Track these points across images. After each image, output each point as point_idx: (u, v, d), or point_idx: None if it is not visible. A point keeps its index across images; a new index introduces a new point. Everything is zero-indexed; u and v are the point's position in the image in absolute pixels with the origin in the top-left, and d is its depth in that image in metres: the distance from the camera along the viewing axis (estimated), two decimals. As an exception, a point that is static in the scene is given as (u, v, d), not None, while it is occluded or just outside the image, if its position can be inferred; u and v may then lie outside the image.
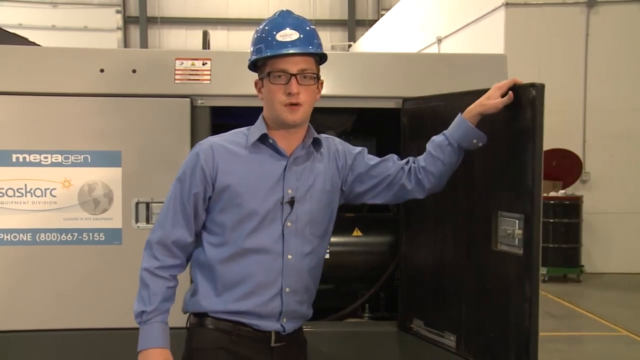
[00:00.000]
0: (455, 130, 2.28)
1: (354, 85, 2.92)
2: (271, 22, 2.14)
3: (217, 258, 2.08)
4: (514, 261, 2.27)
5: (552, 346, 6.25)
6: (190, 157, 2.12)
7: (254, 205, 2.07)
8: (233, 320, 2.08)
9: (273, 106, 2.09)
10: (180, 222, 2.08)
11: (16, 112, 2.80)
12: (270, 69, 2.08)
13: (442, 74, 2.94)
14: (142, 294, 2.07)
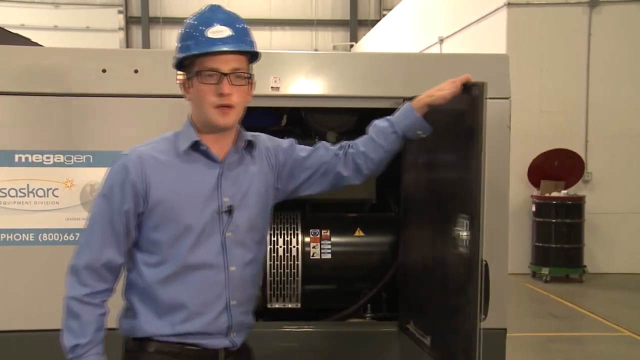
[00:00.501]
0: (402, 120, 2.21)
1: (356, 86, 2.92)
2: (200, 17, 1.98)
3: (155, 279, 1.93)
4: (463, 263, 2.26)
5: (554, 346, 6.24)
6: (117, 170, 1.94)
7: (190, 218, 1.92)
8: (180, 342, 1.95)
9: (203, 108, 1.94)
10: (109, 242, 1.91)
11: (18, 112, 2.80)
12: (199, 68, 1.92)
13: (444, 74, 2.92)
14: (71, 326, 1.89)
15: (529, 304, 8.00)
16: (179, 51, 1.98)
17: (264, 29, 21.01)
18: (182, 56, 1.96)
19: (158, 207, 1.92)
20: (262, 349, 2.84)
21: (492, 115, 2.88)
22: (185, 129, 2.01)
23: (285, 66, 2.89)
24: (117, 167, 1.95)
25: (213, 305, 1.97)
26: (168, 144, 1.99)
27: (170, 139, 2.01)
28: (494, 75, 2.91)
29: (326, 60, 2.95)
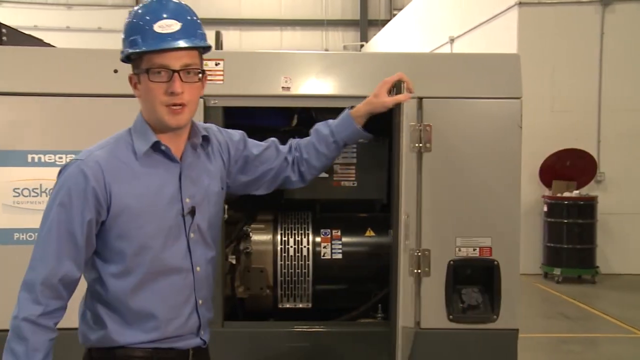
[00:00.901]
0: (342, 130, 2.20)
1: (367, 86, 2.90)
2: (147, 9, 1.83)
3: (122, 289, 1.83)
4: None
5: (566, 347, 6.21)
6: (72, 176, 1.79)
7: (156, 224, 1.84)
8: (151, 347, 1.87)
9: (153, 107, 1.82)
10: (67, 254, 1.77)
11: (31, 113, 2.81)
12: (148, 65, 1.80)
13: (456, 73, 2.92)
14: (16, 350, 1.72)
15: (540, 305, 7.96)
16: (125, 45, 1.85)
17: (275, 29, 21.05)
18: (128, 52, 1.84)
19: (121, 216, 1.81)
20: (273, 348, 2.85)
21: (503, 115, 2.89)
22: (140, 128, 1.89)
23: (296, 66, 2.89)
24: (72, 172, 1.80)
25: (183, 308, 1.92)
26: (124, 146, 1.87)
27: (125, 140, 1.89)
28: (505, 75, 2.90)
29: (337, 60, 2.94)
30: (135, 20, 1.83)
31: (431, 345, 2.88)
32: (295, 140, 2.25)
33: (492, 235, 2.89)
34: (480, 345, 2.89)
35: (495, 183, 2.89)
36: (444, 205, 2.89)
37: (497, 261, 2.90)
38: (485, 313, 2.90)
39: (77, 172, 1.79)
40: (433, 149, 2.87)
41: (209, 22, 20.38)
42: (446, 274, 2.89)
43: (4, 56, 2.86)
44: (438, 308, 2.89)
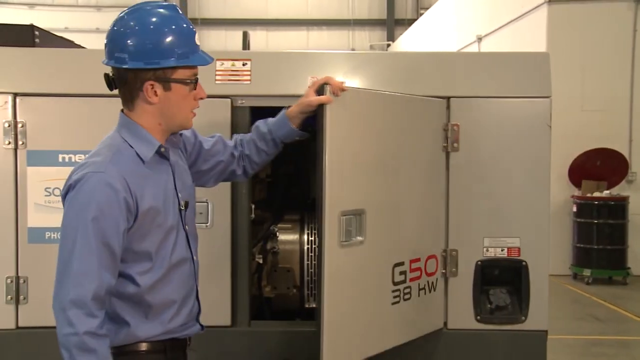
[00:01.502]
0: (278, 129, 2.31)
1: (394, 85, 2.90)
2: (179, 24, 1.95)
3: (144, 286, 1.93)
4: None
5: (597, 350, 6.12)
6: (99, 189, 1.82)
7: (169, 220, 1.98)
8: (166, 338, 2.01)
9: (180, 112, 1.98)
10: (108, 266, 1.84)
11: (62, 113, 2.86)
12: (183, 76, 1.94)
13: (484, 72, 2.90)
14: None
15: (570, 306, 7.86)
16: (170, 56, 1.91)
17: (301, 29, 21.09)
18: (183, 64, 1.94)
19: (145, 217, 1.90)
20: (300, 348, 2.86)
21: (532, 115, 2.86)
22: (139, 134, 1.96)
23: (323, 66, 2.90)
24: (97, 185, 1.83)
25: (190, 296, 2.09)
26: (128, 153, 1.94)
27: (124, 147, 1.95)
28: (534, 73, 2.88)
29: (364, 59, 2.94)
30: (176, 36, 1.93)
31: (458, 346, 2.87)
32: (238, 136, 2.38)
33: (520, 235, 2.87)
34: (508, 347, 2.87)
35: (523, 183, 2.87)
36: (472, 205, 2.87)
37: (525, 262, 2.88)
38: (513, 314, 2.87)
39: (103, 185, 1.83)
40: (460, 149, 2.85)
41: (236, 23, 20.52)
42: (474, 274, 2.87)
43: (37, 58, 2.91)
44: (465, 309, 2.88)
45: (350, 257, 2.38)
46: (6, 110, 2.84)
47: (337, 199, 2.31)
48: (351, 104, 2.37)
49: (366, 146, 2.48)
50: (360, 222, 2.41)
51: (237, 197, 2.87)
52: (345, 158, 2.36)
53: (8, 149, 2.83)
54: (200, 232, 2.75)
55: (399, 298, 2.64)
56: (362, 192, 2.45)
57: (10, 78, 2.85)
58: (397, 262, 2.62)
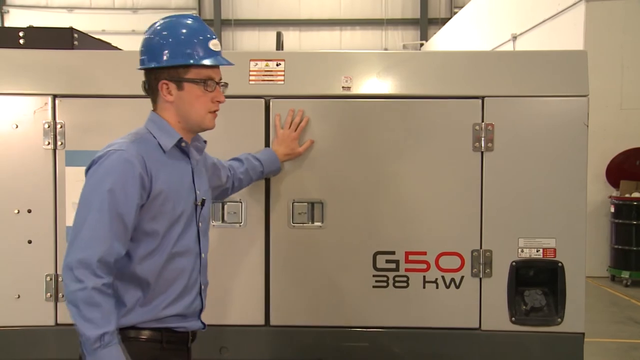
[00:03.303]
0: (270, 165, 2.75)
1: (429, 85, 2.88)
2: (192, 27, 2.13)
3: (147, 268, 2.03)
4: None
5: (637, 354, 5.99)
6: (118, 165, 1.96)
7: (180, 208, 2.10)
8: (160, 327, 2.07)
9: (197, 112, 2.13)
10: (119, 236, 1.94)
11: (100, 114, 2.91)
12: (197, 76, 2.10)
13: (519, 71, 2.87)
14: (91, 316, 1.86)
15: (608, 309, 7.70)
16: (175, 55, 2.08)
17: (334, 29, 21.09)
18: (191, 63, 2.09)
19: (157, 199, 2.03)
20: (333, 347, 2.87)
21: (568, 114, 2.82)
22: (161, 127, 2.13)
23: (356, 66, 2.90)
24: (116, 161, 1.97)
25: (191, 289, 2.14)
26: (150, 141, 2.10)
27: (147, 137, 2.11)
28: (571, 72, 2.83)
29: (398, 59, 2.93)
30: (191, 37, 2.11)
31: (493, 348, 2.85)
32: (229, 163, 2.65)
33: (556, 236, 2.83)
34: (543, 349, 2.83)
35: (559, 183, 2.83)
36: (507, 205, 2.84)
37: (561, 263, 2.83)
38: (549, 316, 2.84)
39: (122, 160, 1.97)
40: (495, 148, 2.82)
41: (269, 23, 20.64)
42: (508, 275, 2.84)
43: (76, 60, 2.97)
44: (500, 310, 2.85)
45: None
46: (46, 112, 2.91)
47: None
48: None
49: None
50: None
51: (271, 197, 2.89)
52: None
53: (47, 150, 2.90)
54: (234, 231, 2.79)
55: (385, 284, 2.85)
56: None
57: (50, 80, 2.92)
58: (381, 251, 2.85)
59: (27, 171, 2.90)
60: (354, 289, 2.90)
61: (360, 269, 2.88)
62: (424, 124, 2.88)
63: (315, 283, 2.89)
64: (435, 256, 2.87)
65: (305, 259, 2.90)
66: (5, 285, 2.91)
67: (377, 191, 2.88)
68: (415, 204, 2.87)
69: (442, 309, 2.87)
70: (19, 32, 3.13)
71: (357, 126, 2.89)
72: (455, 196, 2.86)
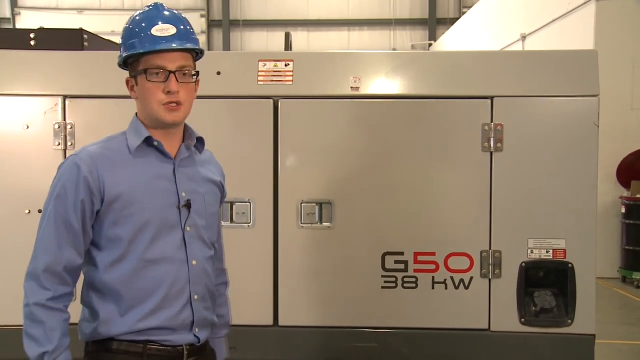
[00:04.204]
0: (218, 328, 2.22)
1: (438, 86, 2.88)
2: (144, 15, 1.96)
3: (115, 277, 1.89)
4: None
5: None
6: (68, 169, 1.90)
7: (149, 212, 1.91)
8: (142, 340, 1.90)
9: (150, 106, 1.93)
10: (67, 242, 1.86)
11: (110, 115, 2.93)
12: (145, 66, 1.91)
13: (529, 71, 2.86)
14: (34, 334, 1.81)
15: (619, 310, 7.65)
16: (124, 49, 1.96)
17: (342, 30, 21.07)
18: (127, 54, 1.94)
19: (116, 203, 1.89)
20: (339, 348, 2.87)
21: (579, 114, 2.81)
22: (134, 126, 1.99)
23: (365, 66, 2.90)
24: (67, 166, 1.92)
25: (176, 299, 1.94)
26: (118, 142, 1.98)
27: (119, 138, 2.00)
28: (582, 72, 2.82)
29: (407, 59, 2.93)
30: (133, 26, 1.95)
31: (502, 349, 2.84)
32: (219, 258, 2.27)
33: (566, 237, 2.82)
34: (554, 350, 2.82)
35: (570, 183, 2.81)
36: (516, 206, 2.83)
37: (571, 264, 2.82)
38: (559, 317, 2.82)
39: (71, 164, 1.90)
40: (505, 149, 2.82)
41: (278, 24, 20.66)
42: (518, 276, 2.83)
43: (86, 61, 2.99)
44: (509, 311, 2.84)
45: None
46: (56, 112, 2.93)
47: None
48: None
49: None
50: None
51: (280, 197, 2.89)
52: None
53: (58, 150, 2.92)
54: (243, 232, 2.79)
55: (394, 284, 2.82)
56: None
57: (61, 81, 2.94)
58: (390, 252, 2.82)
59: (38, 171, 2.92)
60: (363, 289, 2.90)
61: (369, 270, 2.88)
62: (432, 124, 2.87)
63: (324, 284, 2.90)
64: (444, 257, 2.86)
65: (314, 260, 2.90)
66: (16, 285, 2.91)
67: (386, 192, 2.88)
68: (424, 205, 2.87)
69: (451, 309, 2.87)
70: (30, 33, 3.15)
71: (366, 127, 2.89)
72: (464, 197, 2.86)
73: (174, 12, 2.01)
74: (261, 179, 2.89)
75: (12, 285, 2.90)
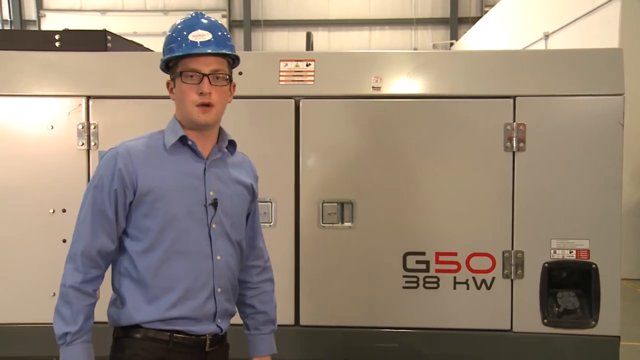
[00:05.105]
0: (249, 346, 2.31)
1: (461, 85, 2.86)
2: (184, 23, 2.10)
3: (144, 265, 2.02)
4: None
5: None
6: (106, 161, 2.04)
7: (178, 207, 2.02)
8: (168, 328, 2.01)
9: (185, 106, 2.05)
10: (101, 229, 2.00)
11: (132, 115, 2.96)
12: (182, 69, 2.04)
13: (552, 70, 2.83)
14: (63, 313, 1.97)
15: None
16: (164, 54, 2.10)
17: (363, 29, 21.03)
18: (166, 58, 2.08)
19: (147, 196, 2.01)
20: (360, 348, 2.86)
21: (603, 113, 2.77)
22: (171, 126, 2.11)
23: (387, 66, 2.89)
24: (106, 158, 2.05)
25: (200, 291, 2.05)
26: (155, 139, 2.10)
27: (157, 135, 2.12)
28: (606, 70, 2.79)
29: (428, 59, 2.92)
30: (173, 33, 2.09)
31: (524, 350, 2.82)
32: (262, 254, 2.34)
33: (590, 237, 2.79)
34: (577, 352, 2.79)
35: (593, 183, 2.78)
36: (539, 206, 2.81)
37: (595, 264, 2.79)
38: (582, 318, 2.80)
39: (109, 157, 2.04)
40: (527, 149, 2.79)
41: (298, 24, 20.67)
42: (540, 276, 2.81)
43: (109, 61, 3.02)
44: (532, 311, 2.82)
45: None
46: (80, 113, 2.96)
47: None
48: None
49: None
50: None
51: (301, 197, 2.89)
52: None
53: (81, 150, 2.95)
54: (264, 231, 2.79)
55: (416, 284, 2.82)
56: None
57: (84, 81, 2.97)
58: (411, 252, 2.82)
59: (62, 171, 2.96)
60: (384, 289, 2.89)
61: (390, 270, 2.88)
62: (454, 124, 2.86)
63: (345, 283, 2.90)
64: (465, 257, 2.85)
65: (335, 260, 2.90)
66: (41, 283, 2.97)
67: (407, 191, 2.87)
68: (445, 205, 2.86)
69: (473, 310, 2.85)
70: (54, 35, 3.19)
71: (387, 126, 2.88)
72: (486, 196, 2.84)
73: (212, 19, 2.13)
74: (282, 179, 2.90)
75: (41, 283, 2.95)
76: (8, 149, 2.98)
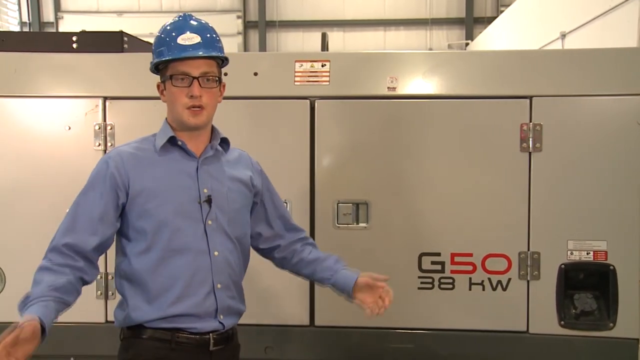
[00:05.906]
0: (340, 281, 2.29)
1: (475, 85, 2.85)
2: (172, 25, 2.13)
3: (143, 266, 2.05)
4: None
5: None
6: (99, 166, 2.10)
7: (172, 206, 2.06)
8: (170, 327, 2.04)
9: (175, 109, 2.08)
10: (78, 227, 2.02)
11: (149, 116, 2.94)
12: (171, 72, 2.07)
13: (569, 70, 2.81)
14: (26, 293, 1.92)
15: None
16: (154, 56, 2.13)
17: (378, 30, 21.00)
18: (156, 61, 2.10)
19: (140, 197, 2.05)
20: (375, 349, 2.86)
21: (621, 113, 2.75)
22: (163, 128, 2.16)
23: (402, 66, 2.88)
24: (99, 164, 2.11)
25: (199, 287, 2.07)
26: (147, 142, 2.16)
27: (149, 139, 2.17)
28: (624, 70, 2.77)
29: (444, 59, 2.91)
30: (163, 35, 2.11)
31: (541, 351, 2.80)
32: (294, 227, 2.39)
33: (607, 238, 2.76)
34: (595, 354, 2.77)
35: (611, 184, 2.76)
36: (555, 207, 2.79)
37: (613, 266, 2.77)
38: (600, 320, 2.77)
39: (102, 162, 2.10)
40: (544, 149, 2.78)
41: (313, 24, 20.69)
42: (557, 278, 2.79)
43: (126, 62, 3.04)
44: (548, 313, 2.80)
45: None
46: (96, 114, 2.99)
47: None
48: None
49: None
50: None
51: (316, 197, 2.90)
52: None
53: (98, 151, 2.98)
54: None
55: (431, 285, 2.81)
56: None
57: (101, 82, 3.00)
58: (426, 252, 2.82)
59: (79, 172, 2.93)
60: (399, 290, 2.86)
61: (405, 270, 2.87)
62: (470, 124, 2.85)
63: (359, 284, 2.88)
64: (481, 258, 2.84)
65: (350, 260, 2.88)
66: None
67: (423, 192, 2.86)
68: (461, 205, 2.85)
69: (489, 311, 2.84)
70: (72, 36, 3.21)
71: (403, 127, 2.88)
72: (502, 197, 2.83)
73: (201, 21, 2.16)
74: (297, 179, 2.91)
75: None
76: (26, 149, 3.01)
